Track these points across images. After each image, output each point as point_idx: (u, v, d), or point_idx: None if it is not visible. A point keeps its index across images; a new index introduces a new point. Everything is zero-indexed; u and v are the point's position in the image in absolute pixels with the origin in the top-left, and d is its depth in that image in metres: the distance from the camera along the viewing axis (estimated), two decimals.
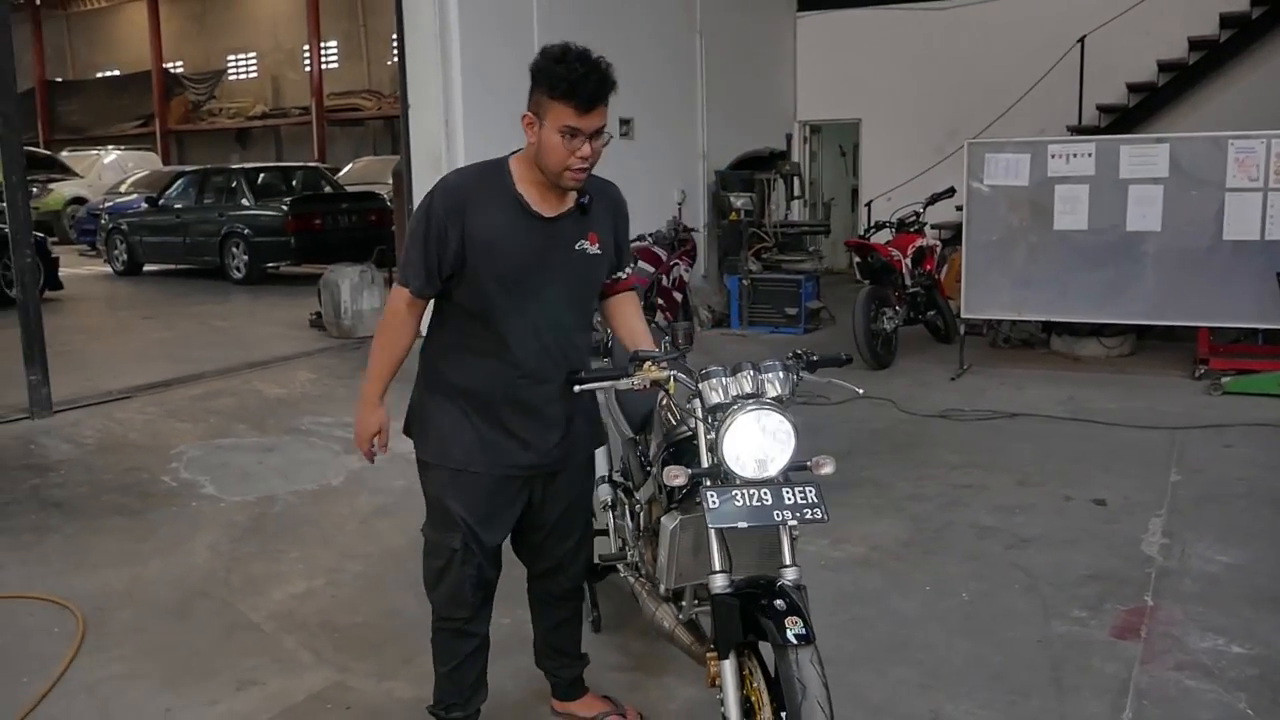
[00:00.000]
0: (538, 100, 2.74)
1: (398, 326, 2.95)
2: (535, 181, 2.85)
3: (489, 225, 2.81)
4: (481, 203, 2.82)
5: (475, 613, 3.12)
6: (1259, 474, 5.81)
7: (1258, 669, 3.70)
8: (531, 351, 2.91)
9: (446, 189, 2.87)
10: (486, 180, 2.86)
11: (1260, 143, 7.65)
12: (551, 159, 2.76)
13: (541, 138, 2.74)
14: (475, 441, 2.95)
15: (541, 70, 2.71)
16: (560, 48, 2.73)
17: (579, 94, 2.68)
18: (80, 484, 5.85)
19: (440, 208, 2.82)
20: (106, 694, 3.71)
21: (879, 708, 3.51)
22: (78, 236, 18.98)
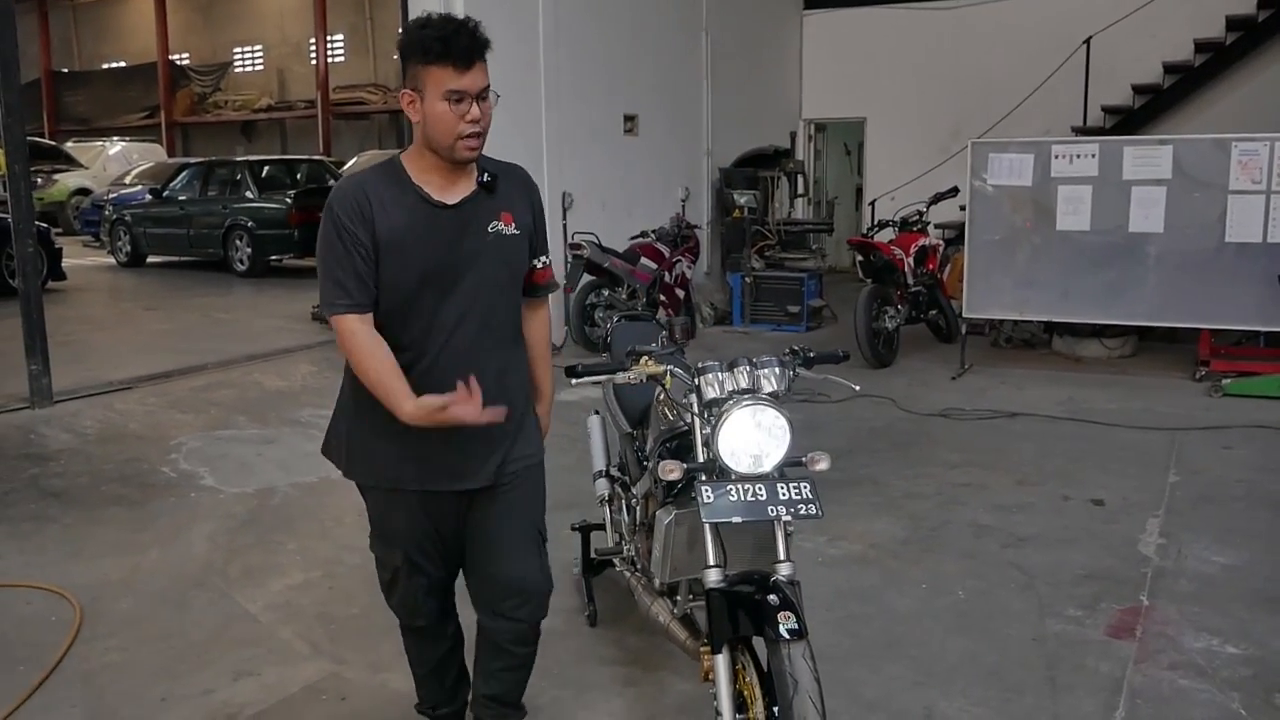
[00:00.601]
0: (414, 73, 2.56)
1: (366, 342, 2.62)
2: (432, 169, 2.66)
3: (394, 225, 2.61)
4: (383, 203, 2.61)
5: (436, 618, 3.03)
6: (1257, 476, 5.80)
7: (1251, 669, 3.70)
8: (459, 352, 2.68)
9: (343, 198, 2.62)
10: (381, 180, 2.66)
11: (1264, 145, 7.64)
12: (441, 130, 2.57)
13: (426, 112, 2.56)
14: (404, 458, 2.72)
15: (411, 41, 2.56)
16: (423, 16, 2.57)
17: (453, 51, 2.52)
18: (79, 474, 5.87)
19: (345, 217, 2.60)
20: (103, 683, 3.73)
21: (873, 704, 3.52)
22: (82, 227, 19.01)
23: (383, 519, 2.88)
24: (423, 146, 2.65)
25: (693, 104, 12.03)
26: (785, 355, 2.92)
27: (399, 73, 2.76)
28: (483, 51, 2.58)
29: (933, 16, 13.77)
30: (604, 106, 10.60)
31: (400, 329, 2.67)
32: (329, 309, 2.64)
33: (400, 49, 2.60)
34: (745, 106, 13.16)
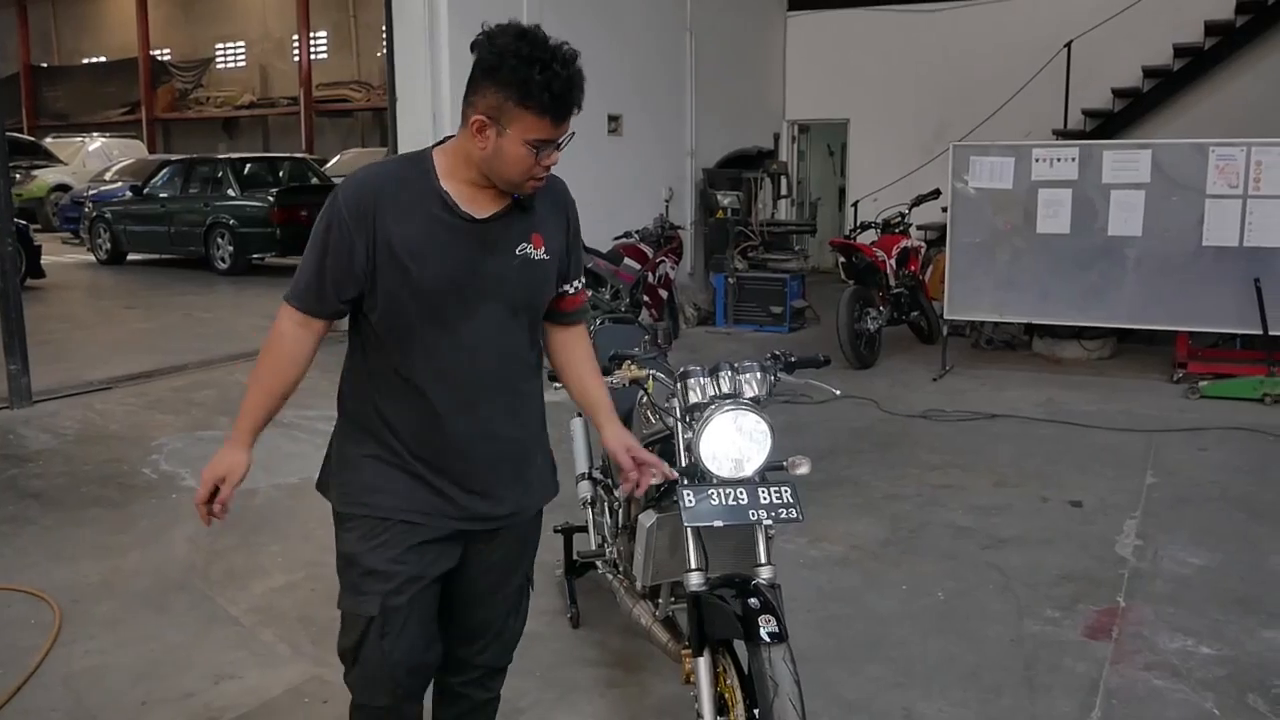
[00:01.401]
0: (499, 105, 2.22)
1: (284, 351, 2.41)
2: (467, 180, 2.35)
3: (406, 232, 2.31)
4: (397, 204, 2.32)
5: (400, 700, 2.53)
6: (1232, 478, 5.87)
7: (1225, 670, 3.75)
8: (468, 383, 2.40)
9: (354, 188, 2.34)
10: (404, 176, 2.36)
11: (1240, 150, 7.71)
12: (511, 169, 2.29)
13: (500, 147, 2.25)
14: (412, 488, 2.41)
15: (507, 70, 2.19)
16: (526, 43, 2.21)
17: (561, 108, 2.25)
18: (59, 475, 5.84)
19: (345, 211, 2.31)
20: (82, 686, 3.72)
21: (853, 705, 3.54)
22: (61, 224, 18.90)
23: (359, 557, 2.43)
24: (470, 160, 2.32)
25: (677, 105, 12.05)
26: (767, 360, 2.95)
27: (382, 70, 2.69)
28: (581, 102, 2.30)
29: (916, 19, 13.84)
30: (588, 106, 10.47)
31: (403, 354, 2.38)
32: (289, 290, 2.42)
33: (485, 69, 2.23)
34: (729, 107, 13.19)
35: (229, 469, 2.43)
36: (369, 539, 2.42)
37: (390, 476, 2.42)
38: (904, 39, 13.92)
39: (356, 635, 2.45)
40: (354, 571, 2.45)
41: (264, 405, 2.45)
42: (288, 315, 2.41)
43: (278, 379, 2.44)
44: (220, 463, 2.43)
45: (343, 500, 2.48)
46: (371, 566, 2.41)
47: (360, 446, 2.46)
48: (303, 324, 2.41)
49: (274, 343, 2.43)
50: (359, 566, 2.43)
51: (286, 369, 2.43)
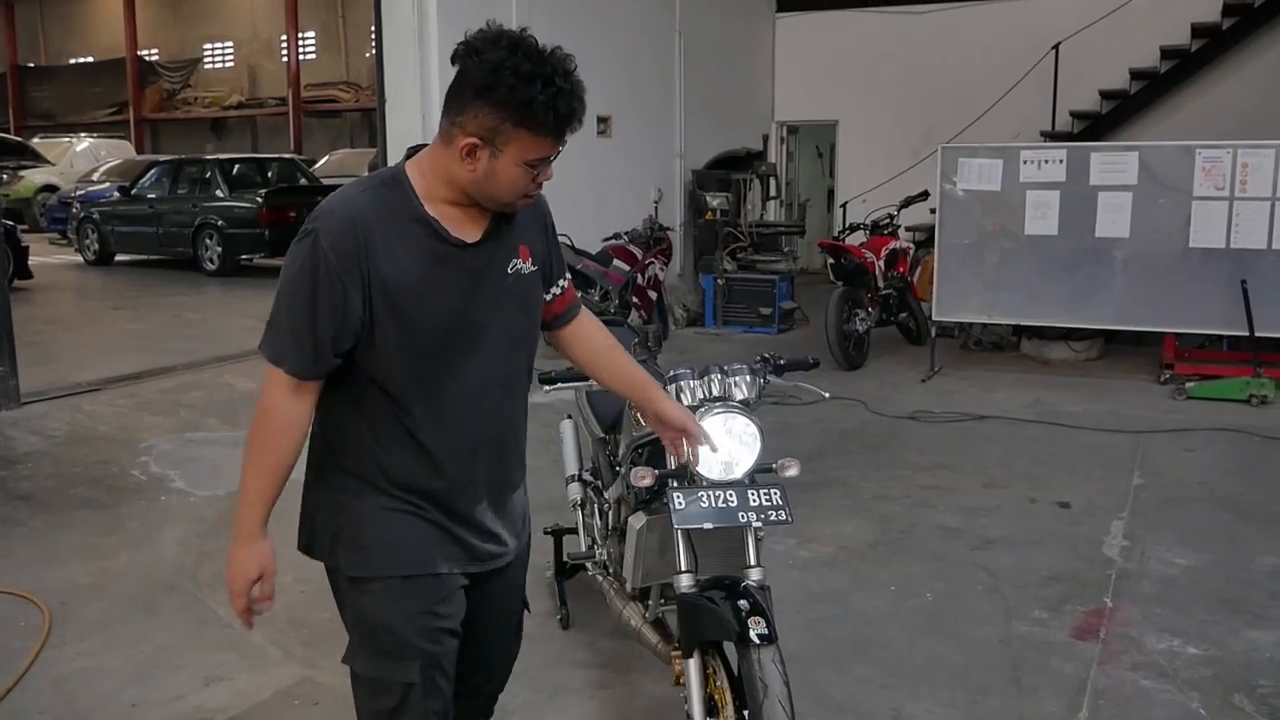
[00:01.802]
0: (493, 126, 2.03)
1: (280, 427, 2.14)
2: (448, 200, 2.14)
3: (400, 269, 2.09)
4: (386, 238, 2.07)
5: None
6: (1219, 478, 5.90)
7: (1211, 670, 3.77)
8: (475, 421, 2.25)
9: (334, 225, 2.06)
10: (387, 209, 2.10)
11: (1227, 152, 7.75)
12: (507, 193, 2.12)
13: (493, 169, 2.07)
14: (432, 538, 2.24)
15: (504, 89, 2.00)
16: (523, 56, 2.01)
17: (565, 127, 2.07)
18: (48, 477, 5.83)
19: (332, 255, 2.04)
20: (72, 688, 3.71)
21: (841, 705, 3.56)
22: (48, 225, 18.83)
23: (389, 620, 2.23)
24: (448, 179, 2.12)
25: (666, 106, 12.06)
26: (756, 362, 2.96)
27: (371, 70, 2.58)
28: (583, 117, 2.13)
29: (905, 21, 13.87)
30: None
31: (406, 401, 2.17)
32: (270, 354, 2.12)
33: (476, 86, 2.02)
34: (718, 109, 13.21)
35: (261, 567, 2.20)
36: (397, 600, 2.22)
37: (410, 527, 2.22)
38: (893, 41, 13.95)
39: (394, 700, 2.25)
40: (384, 638, 2.23)
41: (269, 489, 2.18)
42: (279, 384, 2.13)
43: (277, 456, 2.16)
44: (248, 564, 2.19)
45: (359, 563, 2.24)
46: (405, 632, 2.22)
47: (368, 499, 2.23)
48: (295, 390, 2.13)
49: (267, 419, 2.15)
50: (390, 633, 2.23)
51: (285, 445, 2.16)
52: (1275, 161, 7.62)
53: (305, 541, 2.35)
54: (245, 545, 2.20)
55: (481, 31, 2.06)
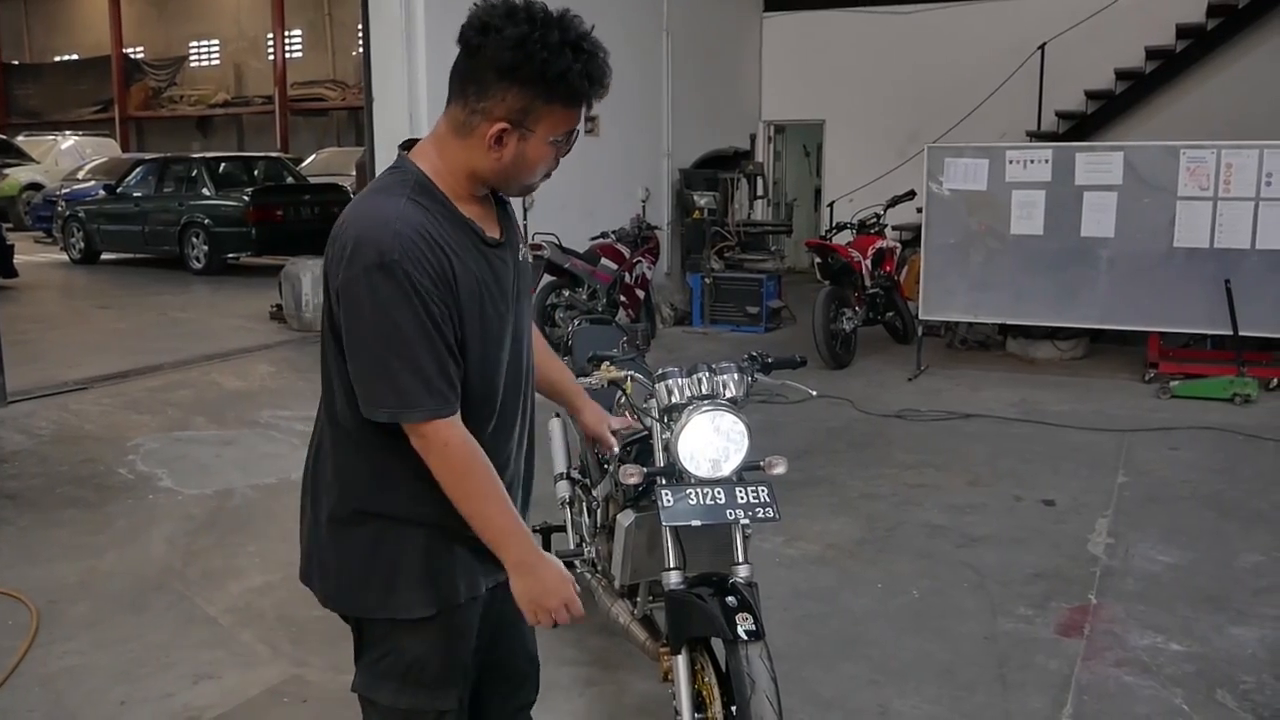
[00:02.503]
0: (523, 106, 1.90)
1: (471, 455, 1.96)
2: (473, 197, 2.02)
3: (471, 278, 1.96)
4: (453, 250, 1.94)
5: None
6: (1202, 477, 5.95)
7: (1194, 666, 3.81)
8: (515, 422, 2.17)
9: (414, 250, 1.87)
10: (436, 215, 1.94)
11: (1211, 153, 7.81)
12: (534, 175, 2.01)
13: (523, 153, 1.94)
14: (471, 558, 2.09)
15: (536, 65, 1.86)
16: (546, 26, 1.88)
17: (597, 91, 1.96)
18: (34, 476, 5.82)
19: (424, 278, 1.87)
20: (60, 687, 3.71)
21: (829, 702, 3.58)
22: (33, 223, 18.75)
23: (435, 654, 2.11)
24: (469, 173, 1.99)
25: (653, 105, 12.08)
26: (744, 361, 2.98)
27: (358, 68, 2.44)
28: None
29: (891, 21, 13.92)
30: None
31: (469, 416, 2.00)
32: (418, 413, 1.89)
33: (499, 66, 1.87)
34: (706, 108, 13.23)
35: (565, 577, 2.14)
36: (447, 633, 2.11)
37: (453, 552, 2.08)
38: (880, 40, 14.00)
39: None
40: (427, 672, 2.11)
41: (509, 511, 2.03)
42: (450, 427, 1.92)
43: (487, 481, 1.98)
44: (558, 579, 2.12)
45: (411, 605, 2.06)
46: (451, 662, 2.13)
47: (410, 537, 2.05)
48: (454, 424, 1.94)
49: (469, 461, 1.95)
50: (435, 665, 2.11)
51: (483, 465, 1.97)
52: (1259, 162, 7.68)
53: (331, 594, 2.14)
54: (544, 565, 2.09)
55: (489, 6, 1.89)
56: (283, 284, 9.77)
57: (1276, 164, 7.65)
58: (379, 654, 2.13)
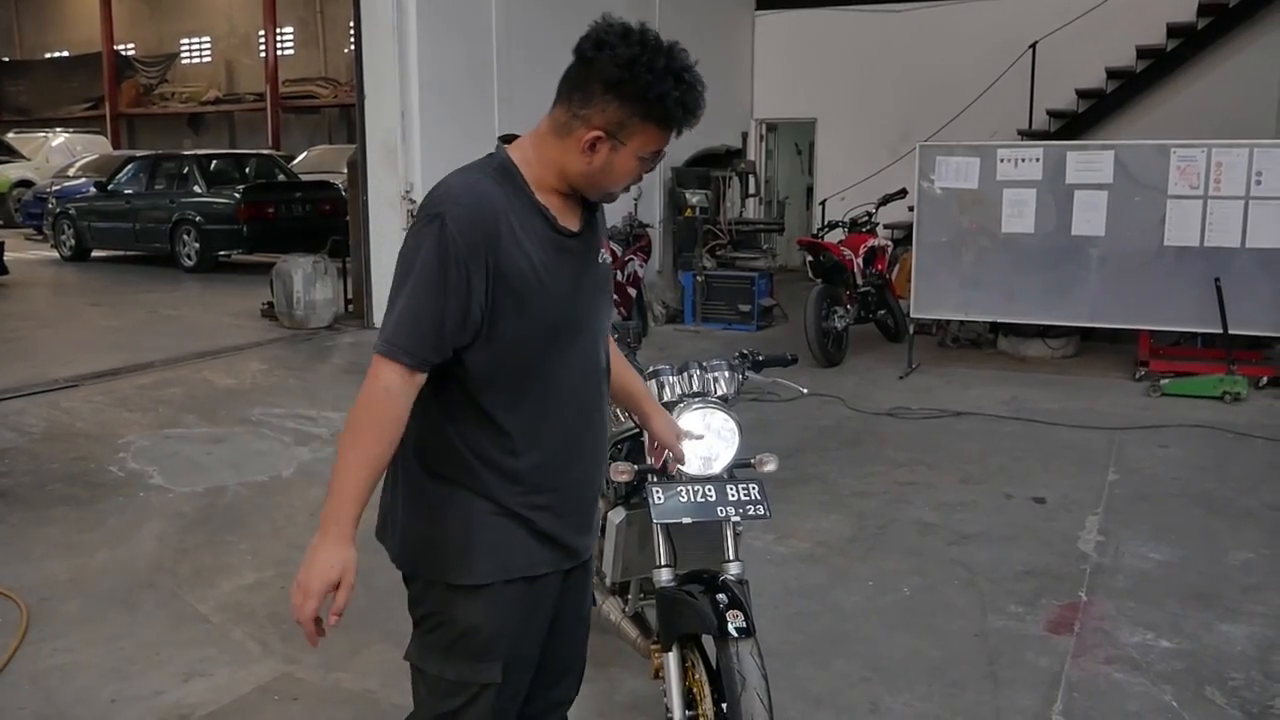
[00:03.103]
0: (620, 120, 2.03)
1: (391, 416, 2.03)
2: (553, 190, 2.13)
3: (524, 260, 2.05)
4: (510, 227, 2.04)
5: None
6: (1192, 474, 5.97)
7: (1183, 662, 3.83)
8: (578, 413, 2.22)
9: (465, 212, 2.01)
10: (509, 196, 2.07)
11: (1201, 152, 7.83)
12: (617, 184, 2.14)
13: (611, 162, 2.08)
14: (529, 538, 2.18)
15: (640, 85, 2.00)
16: (655, 52, 2.02)
17: (690, 120, 2.11)
18: (25, 473, 5.80)
19: (463, 241, 1.99)
20: (51, 684, 3.70)
21: (820, 699, 3.59)
22: (24, 220, 18.70)
23: (484, 625, 2.17)
24: (559, 169, 2.11)
25: None
26: (735, 359, 2.99)
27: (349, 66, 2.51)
28: None
29: (883, 19, 13.94)
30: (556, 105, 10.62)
31: (516, 398, 2.12)
32: (386, 346, 2.02)
33: (607, 80, 2.01)
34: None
35: (342, 570, 2.03)
36: (499, 604, 2.17)
37: (513, 529, 2.16)
38: (871, 39, 14.03)
39: (464, 700, 2.19)
40: (476, 641, 2.17)
41: (369, 485, 2.05)
42: (394, 372, 2.02)
43: (383, 448, 2.05)
44: (330, 565, 2.02)
45: (468, 571, 2.15)
46: (499, 634, 2.17)
47: (471, 506, 2.14)
48: (408, 380, 2.03)
49: (381, 404, 2.02)
50: (484, 636, 2.17)
51: (392, 436, 2.05)
52: (1249, 161, 7.71)
53: (396, 553, 2.23)
54: (334, 544, 2.03)
55: (607, 25, 2.05)
56: (274, 281, 9.76)
57: (1266, 163, 7.68)
58: (432, 622, 2.20)
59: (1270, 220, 7.70)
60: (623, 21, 2.06)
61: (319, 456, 6.16)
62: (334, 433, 6.55)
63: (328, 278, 9.64)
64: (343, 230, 10.36)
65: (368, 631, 4.08)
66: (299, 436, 6.46)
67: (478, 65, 9.63)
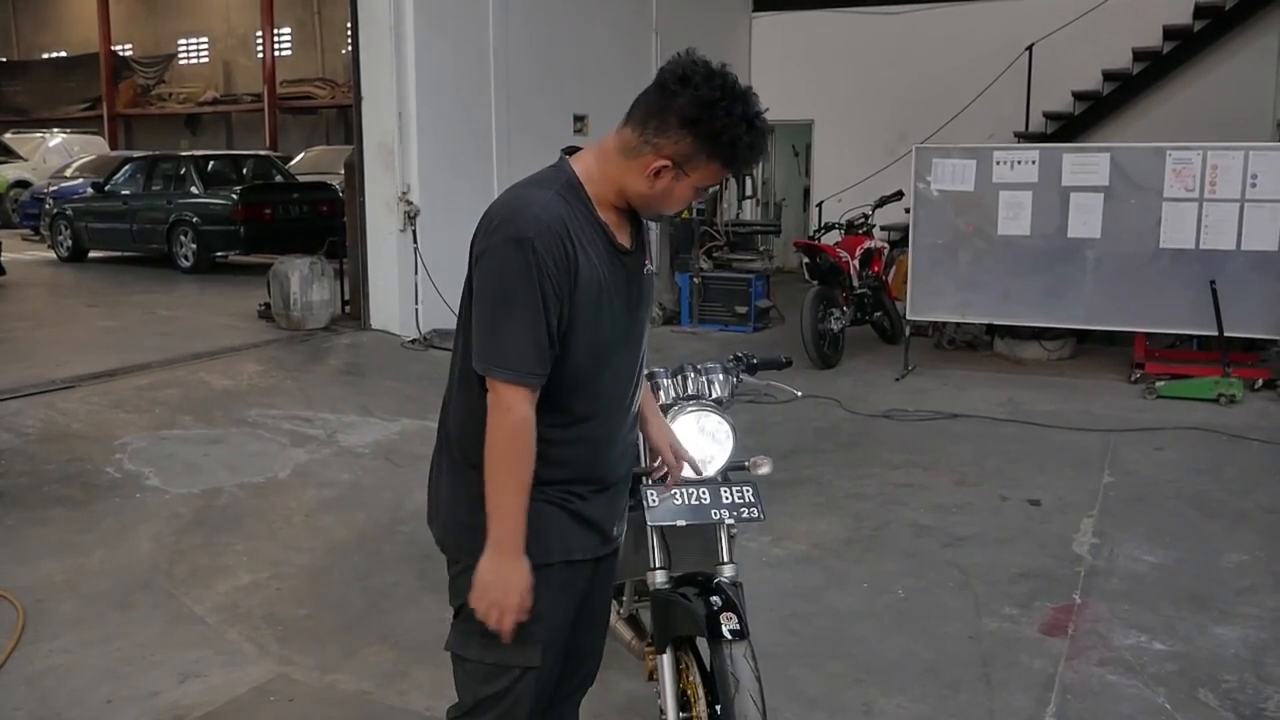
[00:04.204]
0: (689, 154, 2.13)
1: (530, 441, 2.14)
2: (611, 207, 2.24)
3: (594, 274, 2.16)
4: (582, 245, 2.15)
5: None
6: (1187, 477, 5.99)
7: (1177, 665, 3.84)
8: (622, 411, 2.36)
9: (548, 233, 2.10)
10: (576, 213, 2.17)
11: (1196, 154, 7.85)
12: (665, 204, 2.24)
13: (672, 189, 2.19)
14: (569, 525, 2.29)
15: (715, 125, 2.11)
16: (734, 97, 2.13)
17: (752, 164, 2.28)
18: (21, 474, 5.79)
19: (551, 260, 2.09)
20: (47, 685, 3.71)
21: (814, 701, 3.60)
22: (21, 220, 18.65)
23: (534, 607, 2.23)
24: (620, 189, 2.22)
25: None
26: (729, 361, 3.00)
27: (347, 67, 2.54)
28: None
29: (880, 21, 13.96)
30: (554, 106, 10.64)
31: (568, 397, 2.23)
32: (499, 370, 2.11)
33: (683, 116, 2.11)
34: None
35: (527, 582, 2.18)
36: (536, 587, 2.23)
37: (554, 516, 2.27)
38: (868, 41, 14.04)
39: (505, 684, 2.29)
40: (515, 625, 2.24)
41: (525, 503, 2.16)
42: (520, 398, 2.12)
43: (529, 471, 2.16)
44: (522, 578, 2.17)
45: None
46: (537, 615, 2.24)
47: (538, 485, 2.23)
48: (530, 400, 2.13)
49: (524, 431, 2.13)
50: (524, 620, 2.24)
51: (533, 457, 2.16)
52: (1244, 163, 7.73)
53: (439, 537, 2.35)
54: (515, 562, 2.17)
55: (691, 61, 2.15)
56: (271, 282, 9.75)
57: (1262, 165, 7.70)
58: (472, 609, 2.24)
59: (1265, 223, 7.71)
60: (706, 60, 2.16)
61: (315, 458, 6.16)
62: (330, 434, 6.55)
63: (325, 279, 9.63)
64: (340, 231, 10.35)
65: (363, 633, 4.09)
66: (295, 438, 6.46)
67: (475, 67, 9.64)
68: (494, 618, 2.17)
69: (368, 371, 8.20)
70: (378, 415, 6.98)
